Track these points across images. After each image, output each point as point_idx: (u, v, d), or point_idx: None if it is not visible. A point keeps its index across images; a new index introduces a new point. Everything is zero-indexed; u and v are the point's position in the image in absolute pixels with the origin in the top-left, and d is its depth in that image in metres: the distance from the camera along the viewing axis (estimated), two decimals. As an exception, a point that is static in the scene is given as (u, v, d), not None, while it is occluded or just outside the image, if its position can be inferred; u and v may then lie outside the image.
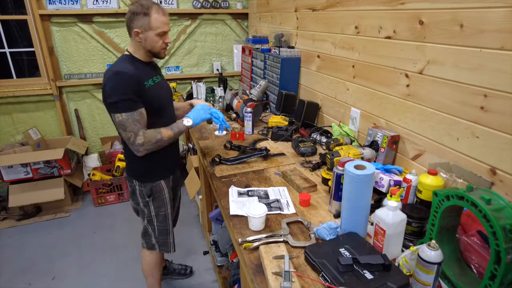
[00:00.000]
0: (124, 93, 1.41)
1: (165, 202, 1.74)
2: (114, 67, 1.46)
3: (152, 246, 1.80)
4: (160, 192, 1.71)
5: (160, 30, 1.49)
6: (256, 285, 0.97)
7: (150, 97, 1.51)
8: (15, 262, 2.48)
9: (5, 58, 3.22)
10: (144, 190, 1.67)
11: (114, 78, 1.42)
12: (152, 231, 1.77)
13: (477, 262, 0.95)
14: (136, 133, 1.45)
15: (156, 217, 1.73)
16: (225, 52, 3.87)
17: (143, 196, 1.69)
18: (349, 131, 1.87)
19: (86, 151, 3.43)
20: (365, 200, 1.08)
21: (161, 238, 1.79)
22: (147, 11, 1.44)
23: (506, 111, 1.05)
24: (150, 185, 1.67)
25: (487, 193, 0.86)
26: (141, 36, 1.48)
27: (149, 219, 1.74)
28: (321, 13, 2.12)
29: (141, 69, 1.52)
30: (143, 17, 1.44)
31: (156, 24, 1.47)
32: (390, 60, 1.55)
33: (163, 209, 1.74)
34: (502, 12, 1.03)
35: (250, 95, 2.37)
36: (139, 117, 1.46)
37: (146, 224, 1.76)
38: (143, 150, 1.49)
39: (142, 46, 1.52)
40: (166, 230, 1.79)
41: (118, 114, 1.43)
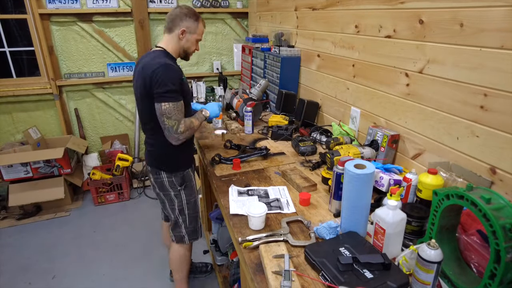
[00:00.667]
0: (173, 84, 1.50)
1: (194, 189, 1.82)
2: (161, 60, 1.52)
3: (181, 238, 1.83)
4: (190, 180, 1.78)
5: (199, 37, 1.69)
6: (256, 284, 0.97)
7: (186, 91, 1.63)
8: (15, 261, 2.48)
9: (5, 57, 3.22)
10: (175, 180, 1.71)
11: (164, 69, 1.49)
12: (182, 221, 1.80)
13: (477, 261, 0.95)
14: (179, 121, 1.54)
15: (187, 204, 1.78)
16: (225, 51, 3.87)
17: (174, 186, 1.72)
18: (349, 130, 1.87)
19: (86, 150, 3.43)
20: (365, 199, 1.08)
21: (191, 226, 1.83)
22: (198, 18, 1.66)
23: (506, 111, 1.05)
24: (181, 174, 1.72)
25: (487, 192, 0.86)
26: (185, 36, 1.64)
27: (180, 208, 1.77)
28: (321, 12, 2.12)
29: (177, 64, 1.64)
30: (194, 21, 1.63)
31: (199, 31, 1.68)
32: (390, 59, 1.55)
33: (193, 196, 1.80)
34: (502, 11, 1.03)
35: (250, 94, 2.37)
36: (181, 107, 1.56)
37: (177, 215, 1.79)
38: (183, 138, 1.58)
39: (180, 44, 1.65)
40: (195, 217, 1.84)
41: (165, 103, 1.49)
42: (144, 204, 3.23)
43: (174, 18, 1.61)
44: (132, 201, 3.30)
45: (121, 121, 3.71)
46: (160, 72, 1.48)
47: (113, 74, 3.51)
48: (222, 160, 1.71)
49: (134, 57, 3.54)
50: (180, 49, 1.67)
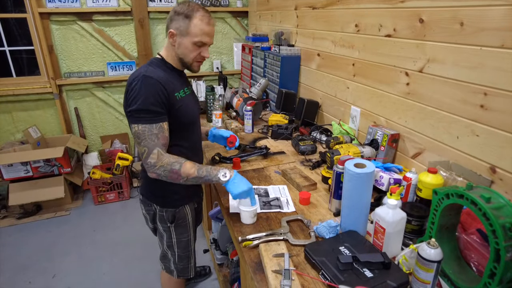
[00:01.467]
0: (147, 101, 1.19)
1: (188, 228, 1.53)
2: (143, 70, 1.24)
3: (170, 272, 1.62)
4: (184, 218, 1.49)
5: (197, 39, 1.28)
6: (256, 283, 0.97)
7: (180, 111, 1.31)
8: (15, 260, 2.48)
9: (4, 57, 3.22)
10: (165, 215, 1.45)
11: (141, 82, 1.20)
12: (171, 256, 1.57)
13: (476, 260, 0.95)
14: (150, 149, 1.20)
15: (178, 243, 1.53)
16: (225, 50, 3.86)
17: (164, 222, 1.47)
18: (349, 130, 1.87)
19: (86, 149, 3.43)
20: (365, 199, 1.08)
21: (181, 264, 1.58)
22: (190, 14, 1.26)
23: (506, 110, 1.05)
24: (173, 211, 1.45)
25: (487, 191, 0.86)
26: (176, 39, 1.29)
27: (169, 244, 1.53)
28: (321, 11, 2.12)
29: (172, 77, 1.32)
30: (183, 19, 1.26)
31: (195, 31, 1.26)
32: (390, 59, 1.55)
33: (185, 235, 1.53)
34: (502, 10, 1.03)
35: (250, 94, 2.37)
36: (157, 132, 1.21)
37: (166, 249, 1.56)
38: (152, 172, 1.22)
39: (174, 50, 1.33)
40: (187, 256, 1.58)
41: (135, 125, 1.21)
42: (144, 203, 3.24)
43: (168, 18, 1.32)
44: (132, 200, 3.31)
45: (121, 120, 3.71)
46: (135, 86, 1.20)
47: (113, 73, 3.50)
48: (222, 159, 1.71)
49: (134, 56, 3.54)
50: (176, 56, 1.34)
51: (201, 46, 1.32)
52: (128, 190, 3.30)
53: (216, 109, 2.21)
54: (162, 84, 1.23)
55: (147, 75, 1.21)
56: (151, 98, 1.20)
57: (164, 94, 1.23)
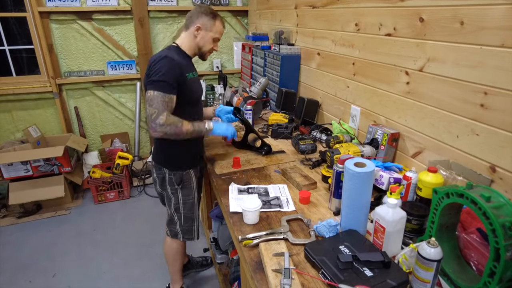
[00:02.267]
0: (165, 75, 1.46)
1: (193, 190, 1.77)
2: (163, 53, 1.52)
3: (175, 235, 1.82)
4: (189, 181, 1.74)
5: (216, 36, 1.66)
6: (256, 282, 0.98)
7: (189, 89, 1.58)
8: (15, 259, 2.48)
9: (4, 56, 3.21)
10: (174, 178, 1.69)
11: (161, 60, 1.48)
12: (177, 219, 1.79)
13: (476, 260, 0.95)
14: (160, 112, 1.46)
15: (184, 204, 1.76)
16: (225, 49, 3.86)
17: (172, 184, 1.71)
18: (349, 129, 1.87)
19: (86, 148, 3.43)
20: (365, 198, 1.08)
21: (186, 225, 1.80)
22: (215, 16, 1.64)
23: (506, 109, 1.05)
24: (180, 173, 1.70)
25: (487, 190, 0.86)
26: (200, 33, 1.62)
27: (176, 206, 1.76)
28: (321, 10, 2.12)
29: (185, 61, 1.61)
30: (210, 19, 1.62)
31: (216, 30, 1.65)
32: (390, 58, 1.55)
33: (190, 197, 1.76)
34: (502, 9, 1.03)
35: (250, 93, 2.37)
36: (168, 100, 1.49)
37: (173, 212, 1.78)
38: (160, 131, 1.48)
39: (195, 41, 1.64)
40: (192, 217, 1.81)
41: (151, 91, 1.46)
42: (144, 202, 3.24)
43: (191, 15, 1.63)
44: (132, 199, 3.31)
45: (121, 119, 3.71)
46: (158, 62, 1.48)
47: (113, 72, 3.50)
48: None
49: (134, 55, 3.53)
50: (195, 46, 1.66)
51: (216, 41, 1.69)
52: (128, 189, 3.30)
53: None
54: (179, 64, 1.52)
55: (168, 56, 1.50)
56: (170, 73, 1.48)
57: (179, 72, 1.52)
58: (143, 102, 3.65)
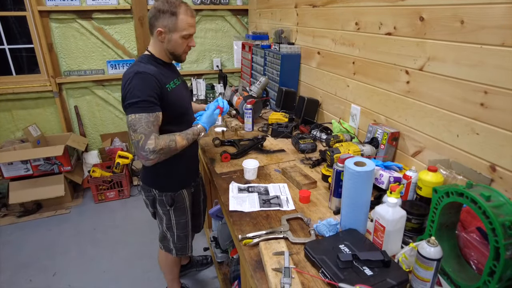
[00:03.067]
0: (142, 93, 1.28)
1: (186, 210, 1.67)
2: (135, 67, 1.33)
3: (169, 251, 1.76)
4: (182, 202, 1.63)
5: (186, 33, 1.38)
6: (256, 281, 0.98)
7: (172, 102, 1.40)
8: (15, 258, 2.48)
9: (4, 55, 3.21)
10: (165, 200, 1.57)
11: (135, 78, 1.29)
12: (170, 237, 1.71)
13: (476, 259, 0.95)
14: (147, 135, 1.27)
15: (176, 225, 1.66)
16: (225, 48, 3.86)
17: (163, 205, 1.60)
18: (349, 128, 1.87)
19: (86, 148, 3.43)
20: (365, 197, 1.08)
21: (180, 243, 1.73)
22: (175, 10, 1.34)
23: (506, 108, 1.05)
24: (171, 194, 1.58)
25: (487, 189, 0.86)
26: (165, 37, 1.38)
27: (168, 226, 1.67)
28: (321, 9, 2.11)
29: (162, 71, 1.42)
30: (169, 17, 1.34)
31: (183, 26, 1.36)
32: (390, 57, 1.55)
33: (183, 217, 1.67)
34: (502, 8, 1.03)
35: (250, 92, 2.37)
36: (153, 120, 1.30)
37: (165, 230, 1.69)
38: (152, 158, 1.30)
39: (163, 47, 1.42)
40: (185, 236, 1.73)
41: (131, 114, 1.28)
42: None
43: (149, 18, 1.38)
44: (132, 198, 3.31)
45: (121, 118, 3.71)
46: (131, 81, 1.29)
47: (113, 71, 3.50)
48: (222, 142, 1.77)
49: (134, 55, 3.53)
50: (165, 52, 1.44)
51: (188, 37, 1.43)
52: (128, 188, 3.30)
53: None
54: (155, 77, 1.33)
55: (140, 70, 1.31)
56: (147, 90, 1.30)
57: (157, 86, 1.33)
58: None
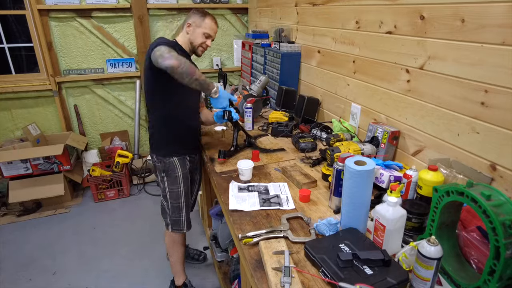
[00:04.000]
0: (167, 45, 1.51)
1: (178, 181, 1.81)
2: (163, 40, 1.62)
3: (167, 226, 1.90)
4: (173, 170, 1.78)
5: (206, 31, 1.75)
6: (256, 280, 0.98)
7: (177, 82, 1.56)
8: (15, 257, 2.49)
9: (3, 54, 3.20)
10: (159, 166, 1.77)
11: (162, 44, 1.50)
12: (167, 208, 1.85)
13: (476, 258, 0.95)
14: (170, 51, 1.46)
15: (170, 193, 1.81)
16: (225, 47, 3.85)
17: (159, 172, 1.79)
18: (349, 127, 1.86)
19: (86, 147, 3.43)
20: (365, 196, 1.08)
21: (173, 215, 1.85)
22: (204, 15, 1.77)
23: (507, 107, 1.05)
24: (164, 161, 1.76)
25: (487, 189, 0.86)
26: (190, 29, 1.74)
27: (164, 194, 1.83)
28: (321, 8, 2.11)
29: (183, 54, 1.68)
30: (199, 17, 1.75)
31: (206, 26, 1.75)
32: (390, 56, 1.54)
33: (176, 186, 1.81)
34: (503, 7, 1.03)
35: (250, 91, 2.36)
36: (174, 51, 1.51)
37: (162, 200, 1.86)
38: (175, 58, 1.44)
39: (187, 37, 1.76)
40: (178, 207, 1.84)
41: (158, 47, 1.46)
42: (144, 201, 3.24)
43: (186, 17, 1.78)
44: (132, 197, 3.31)
45: (120, 117, 3.71)
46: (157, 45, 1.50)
47: (113, 70, 3.49)
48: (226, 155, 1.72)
49: (133, 53, 3.52)
50: (188, 42, 1.76)
51: (207, 37, 1.78)
52: (128, 187, 3.30)
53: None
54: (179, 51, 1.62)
55: (166, 41, 1.61)
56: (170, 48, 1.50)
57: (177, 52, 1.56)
58: (143, 100, 3.64)
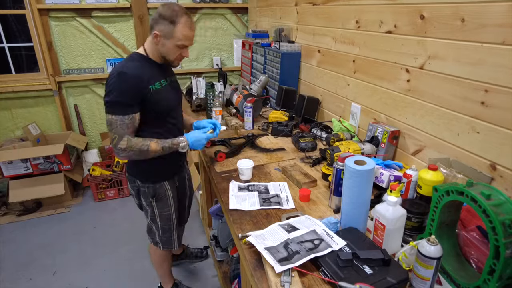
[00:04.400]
0: (121, 95, 1.36)
1: (169, 203, 1.71)
2: (120, 66, 1.40)
3: (156, 243, 1.82)
4: (164, 193, 1.68)
5: (180, 43, 1.44)
6: (256, 280, 0.98)
7: (155, 102, 1.46)
8: (16, 257, 2.49)
9: (3, 53, 3.21)
10: (147, 191, 1.63)
11: (116, 77, 1.36)
12: (156, 229, 1.76)
13: (476, 257, 0.95)
14: (120, 136, 1.39)
15: (160, 216, 1.71)
16: (225, 46, 3.85)
17: (146, 197, 1.65)
18: (349, 126, 1.86)
19: (86, 146, 3.43)
20: (365, 195, 1.08)
21: (164, 236, 1.78)
22: (175, 20, 1.39)
23: (507, 106, 1.05)
24: (153, 186, 1.63)
25: (487, 188, 0.86)
26: (159, 40, 1.43)
27: (152, 218, 1.72)
28: (321, 7, 2.11)
29: (149, 71, 1.46)
30: (168, 24, 1.40)
31: (179, 36, 1.42)
32: (390, 55, 1.54)
33: (166, 209, 1.71)
34: (503, 6, 1.03)
35: (250, 90, 2.36)
36: (128, 122, 1.40)
37: (150, 222, 1.76)
38: (123, 156, 1.43)
39: (157, 48, 1.47)
40: (169, 229, 1.77)
41: (109, 115, 1.39)
42: (144, 200, 3.24)
43: (151, 20, 1.45)
44: (132, 197, 3.30)
45: (120, 117, 3.70)
46: (112, 80, 1.37)
47: (113, 70, 3.49)
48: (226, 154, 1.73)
49: (133, 53, 3.52)
50: (158, 54, 1.49)
51: (182, 47, 1.47)
52: (128, 187, 3.30)
53: (216, 106, 2.20)
54: (136, 79, 1.39)
55: (123, 71, 1.37)
56: (125, 92, 1.37)
57: (139, 87, 1.40)
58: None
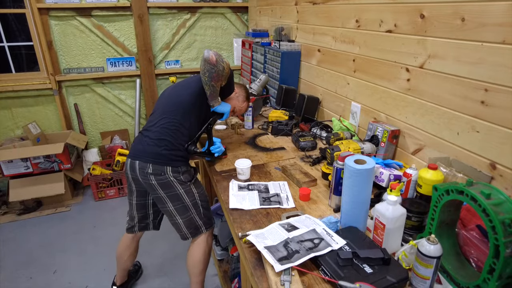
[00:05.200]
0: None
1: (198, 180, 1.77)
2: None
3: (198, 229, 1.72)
4: (194, 173, 1.73)
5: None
6: (256, 279, 0.98)
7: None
8: (16, 256, 2.49)
9: (3, 52, 3.20)
10: (183, 177, 1.63)
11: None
12: (197, 213, 1.68)
13: (476, 256, 0.95)
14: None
15: (200, 196, 1.69)
16: (225, 46, 3.85)
17: (183, 183, 1.63)
18: (349, 126, 1.86)
19: (86, 145, 3.43)
20: (365, 195, 1.08)
21: (205, 215, 1.73)
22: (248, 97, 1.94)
23: (507, 106, 1.05)
24: (188, 170, 1.68)
25: (487, 187, 0.86)
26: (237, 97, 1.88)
27: (193, 202, 1.67)
28: (321, 6, 2.11)
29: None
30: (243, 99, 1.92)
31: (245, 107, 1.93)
32: (391, 54, 1.54)
33: (200, 187, 1.74)
34: (503, 5, 1.03)
35: (250, 90, 2.36)
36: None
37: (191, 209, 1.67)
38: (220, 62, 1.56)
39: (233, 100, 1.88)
40: (208, 206, 1.76)
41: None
42: (144, 199, 3.24)
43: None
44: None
45: (120, 116, 3.71)
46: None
47: (113, 69, 3.49)
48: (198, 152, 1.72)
49: (133, 52, 3.52)
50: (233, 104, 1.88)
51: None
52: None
53: (216, 105, 2.20)
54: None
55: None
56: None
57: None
58: (143, 99, 3.65)
